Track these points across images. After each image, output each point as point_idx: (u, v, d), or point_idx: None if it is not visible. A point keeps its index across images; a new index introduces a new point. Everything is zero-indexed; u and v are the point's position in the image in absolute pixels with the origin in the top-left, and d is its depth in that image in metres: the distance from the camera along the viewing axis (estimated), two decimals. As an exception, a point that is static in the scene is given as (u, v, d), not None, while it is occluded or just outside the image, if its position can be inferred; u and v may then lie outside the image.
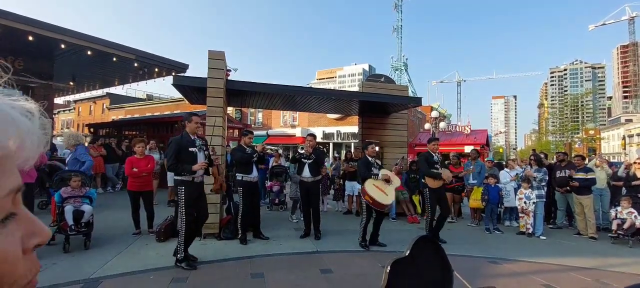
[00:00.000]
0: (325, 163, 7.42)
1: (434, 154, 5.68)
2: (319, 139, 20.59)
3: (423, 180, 5.84)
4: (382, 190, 5.13)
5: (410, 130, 21.87)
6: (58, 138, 7.40)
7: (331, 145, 28.29)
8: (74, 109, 41.22)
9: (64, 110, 41.86)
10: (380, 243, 5.38)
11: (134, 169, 5.50)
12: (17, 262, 0.39)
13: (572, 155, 8.91)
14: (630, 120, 63.05)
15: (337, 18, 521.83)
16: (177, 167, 4.05)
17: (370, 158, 5.50)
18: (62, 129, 38.20)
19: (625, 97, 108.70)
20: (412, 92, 48.05)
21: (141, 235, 5.43)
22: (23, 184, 0.42)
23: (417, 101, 8.20)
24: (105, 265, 4.08)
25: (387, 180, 5.22)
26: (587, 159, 8.17)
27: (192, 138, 4.22)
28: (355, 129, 18.98)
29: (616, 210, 6.29)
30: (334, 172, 9.15)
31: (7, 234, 0.38)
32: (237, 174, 5.46)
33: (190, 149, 4.14)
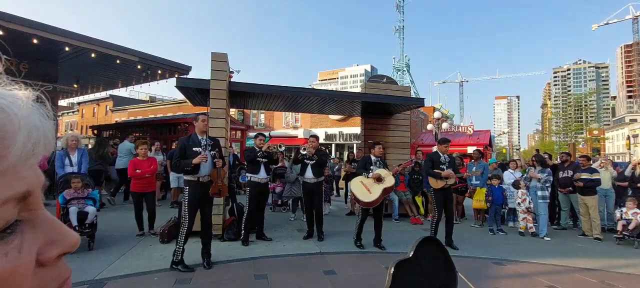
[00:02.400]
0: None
1: (441, 155, 5.66)
2: (321, 140, 20.59)
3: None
4: (368, 188, 5.11)
5: (413, 131, 21.83)
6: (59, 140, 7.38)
7: (333, 146, 28.27)
8: (78, 111, 41.48)
9: (67, 113, 42.13)
10: (381, 246, 5.25)
11: (137, 171, 5.52)
12: (22, 282, 0.33)
13: (577, 156, 8.85)
14: (635, 120, 62.56)
15: (339, 19, 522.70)
16: (179, 164, 4.05)
17: (373, 157, 5.48)
18: (66, 131, 38.43)
19: (630, 97, 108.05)
20: (414, 92, 47.92)
21: (145, 237, 5.45)
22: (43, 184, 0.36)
23: (419, 102, 8.16)
24: (110, 266, 4.09)
25: (378, 179, 5.10)
26: (591, 160, 8.12)
27: (199, 138, 4.22)
28: (357, 130, 18.94)
29: (621, 210, 6.24)
30: (337, 173, 9.14)
31: (5, 252, 0.32)
32: (247, 174, 5.44)
33: (194, 149, 4.12)
